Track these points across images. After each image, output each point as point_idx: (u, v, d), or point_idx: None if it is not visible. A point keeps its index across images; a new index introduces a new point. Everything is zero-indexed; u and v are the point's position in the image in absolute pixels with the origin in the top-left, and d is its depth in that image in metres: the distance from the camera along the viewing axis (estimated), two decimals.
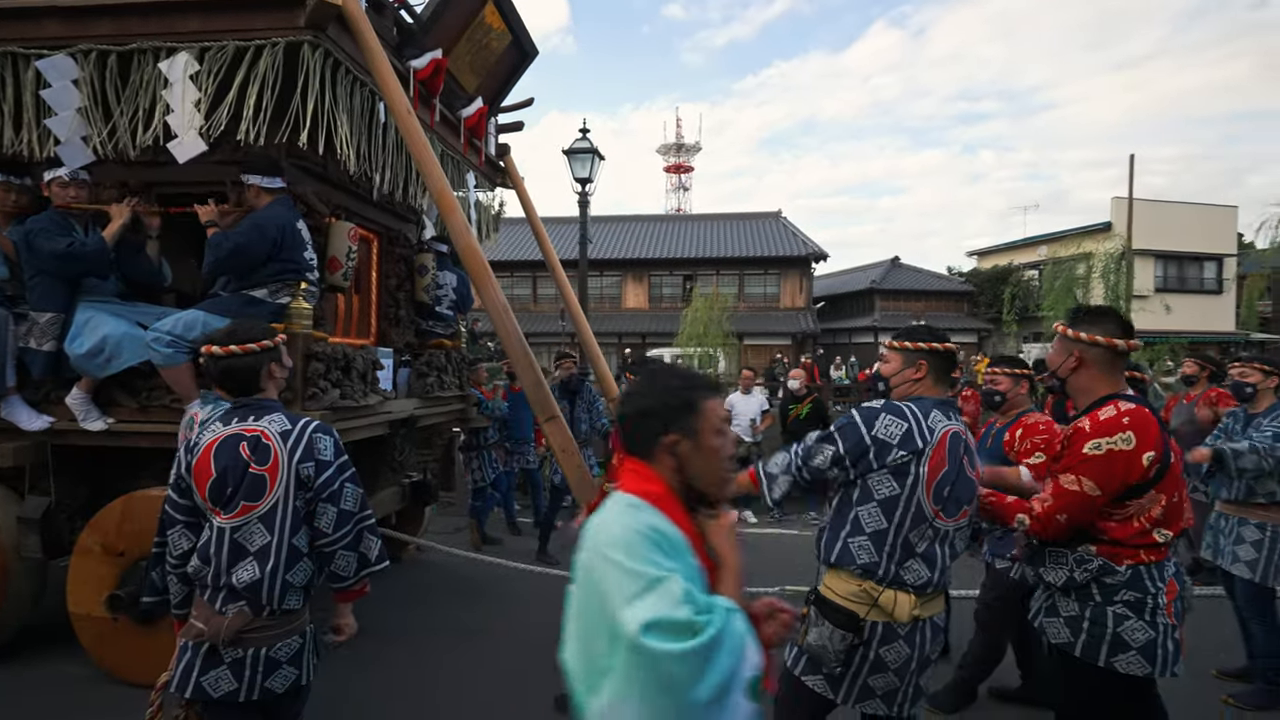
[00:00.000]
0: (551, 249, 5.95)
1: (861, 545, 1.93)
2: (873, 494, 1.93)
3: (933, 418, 1.96)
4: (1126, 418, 1.99)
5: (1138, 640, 1.99)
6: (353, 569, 1.98)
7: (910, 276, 28.28)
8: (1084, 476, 1.98)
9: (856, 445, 1.93)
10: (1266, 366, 3.54)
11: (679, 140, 58.43)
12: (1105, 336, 2.07)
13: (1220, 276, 25.41)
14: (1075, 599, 2.07)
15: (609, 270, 26.57)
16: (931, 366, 2.07)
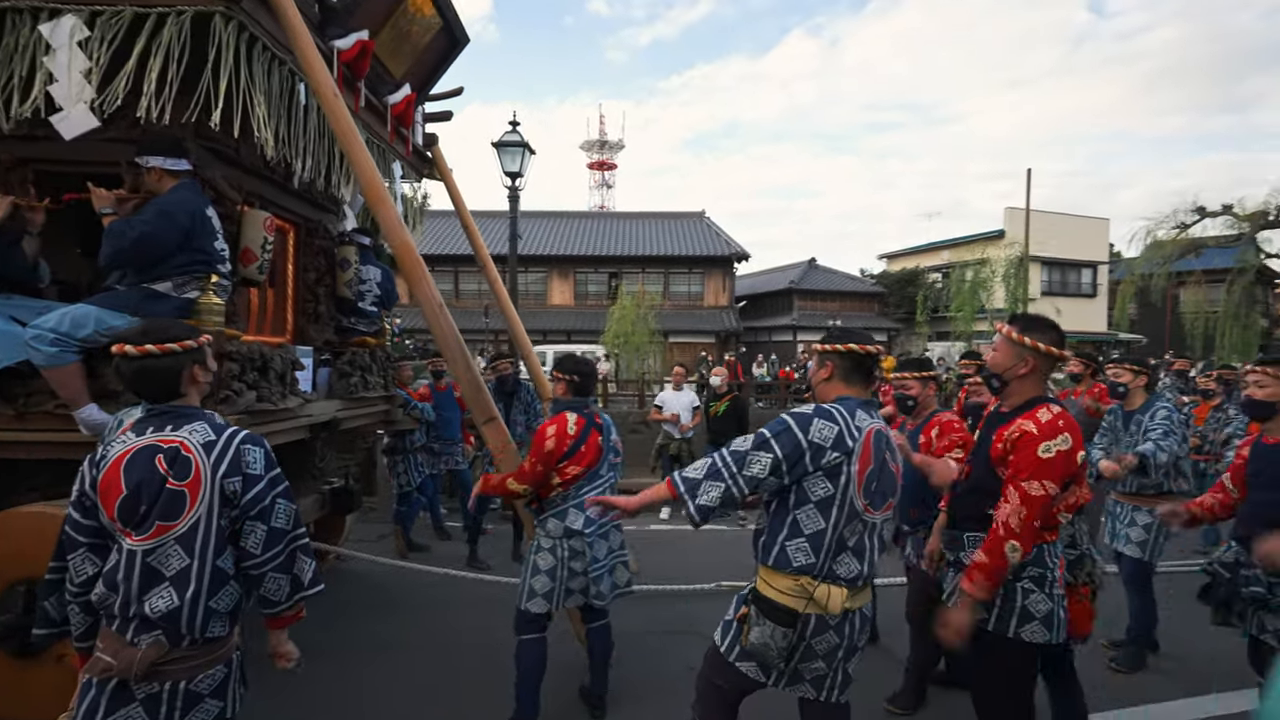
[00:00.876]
0: (482, 243, 5.77)
1: (799, 547, 1.97)
2: (809, 496, 1.97)
3: (858, 417, 2.01)
4: (1061, 420, 2.15)
5: (1040, 611, 2.18)
6: (285, 593, 1.81)
7: (826, 278, 29.45)
8: (1046, 480, 2.10)
9: (794, 450, 1.94)
10: (1135, 367, 3.96)
11: (602, 137, 58.33)
12: (1056, 347, 2.24)
13: (1095, 282, 27.99)
14: None
15: (534, 266, 26.20)
16: (838, 366, 2.12)
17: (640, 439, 16.23)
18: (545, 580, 3.06)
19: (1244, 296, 19.46)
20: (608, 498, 2.27)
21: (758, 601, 2.01)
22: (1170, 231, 20.15)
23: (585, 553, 3.06)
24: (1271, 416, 2.67)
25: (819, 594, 1.95)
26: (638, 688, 3.52)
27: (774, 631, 1.94)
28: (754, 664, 2.04)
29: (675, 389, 7.49)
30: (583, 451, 3.07)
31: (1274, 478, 2.60)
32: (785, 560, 1.98)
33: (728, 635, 2.13)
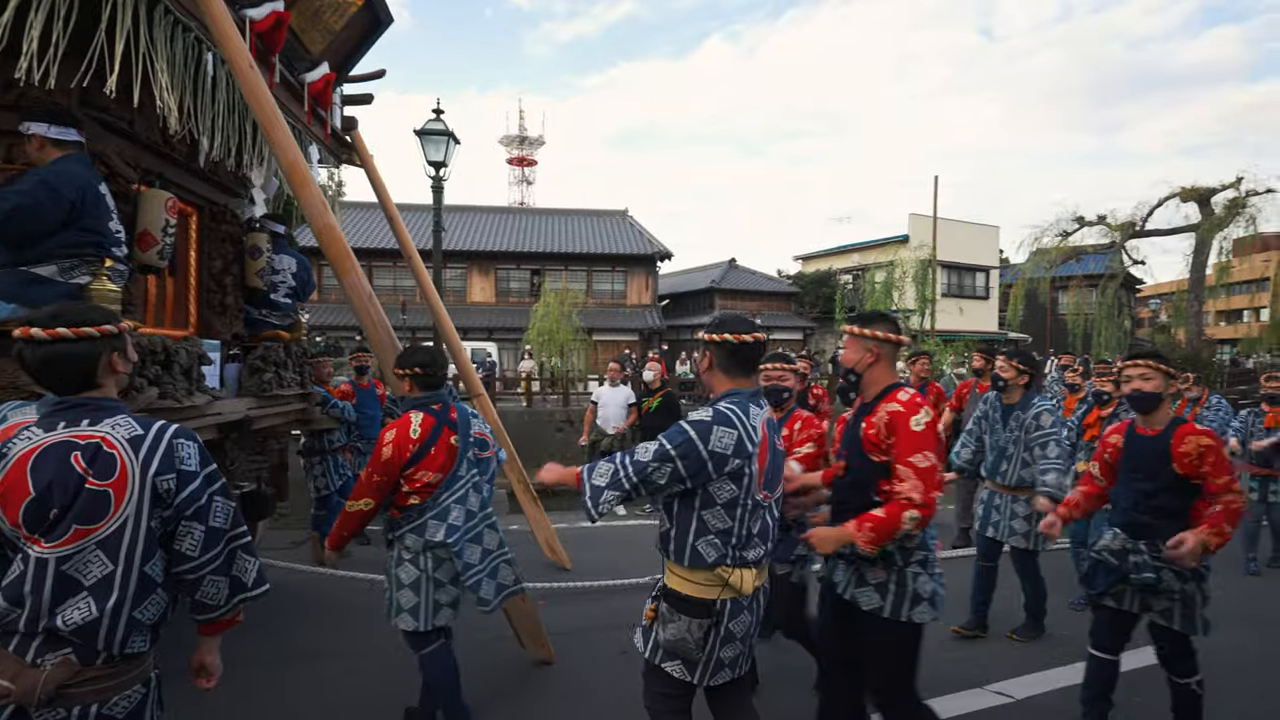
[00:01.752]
0: (408, 235, 5.53)
1: (710, 543, 1.99)
2: (715, 499, 1.98)
3: (752, 414, 2.02)
4: (918, 399, 2.31)
5: (927, 591, 2.31)
6: (223, 596, 1.66)
7: (745, 278, 30.22)
8: (927, 450, 2.22)
9: (695, 461, 1.93)
10: (1020, 365, 4.13)
11: (522, 133, 57.37)
12: (894, 334, 2.40)
13: (987, 285, 30.19)
14: (883, 566, 2.31)
15: (453, 262, 25.40)
16: (716, 357, 2.11)
17: (565, 438, 16.12)
18: (410, 595, 2.80)
19: (1115, 299, 21.55)
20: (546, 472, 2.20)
21: (668, 598, 2.02)
22: (1053, 239, 22.05)
23: (452, 561, 2.81)
24: (1156, 408, 2.82)
25: (733, 579, 1.99)
26: (581, 681, 3.48)
27: (689, 625, 1.97)
28: (678, 663, 2.04)
29: (611, 385, 7.45)
30: (433, 454, 2.76)
31: (1151, 469, 2.78)
32: (699, 558, 2.00)
33: (647, 639, 2.12)
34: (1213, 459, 2.66)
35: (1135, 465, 2.86)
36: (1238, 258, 22.20)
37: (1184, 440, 2.71)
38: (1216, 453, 2.67)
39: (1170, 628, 2.75)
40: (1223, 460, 2.68)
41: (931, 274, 22.24)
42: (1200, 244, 19.78)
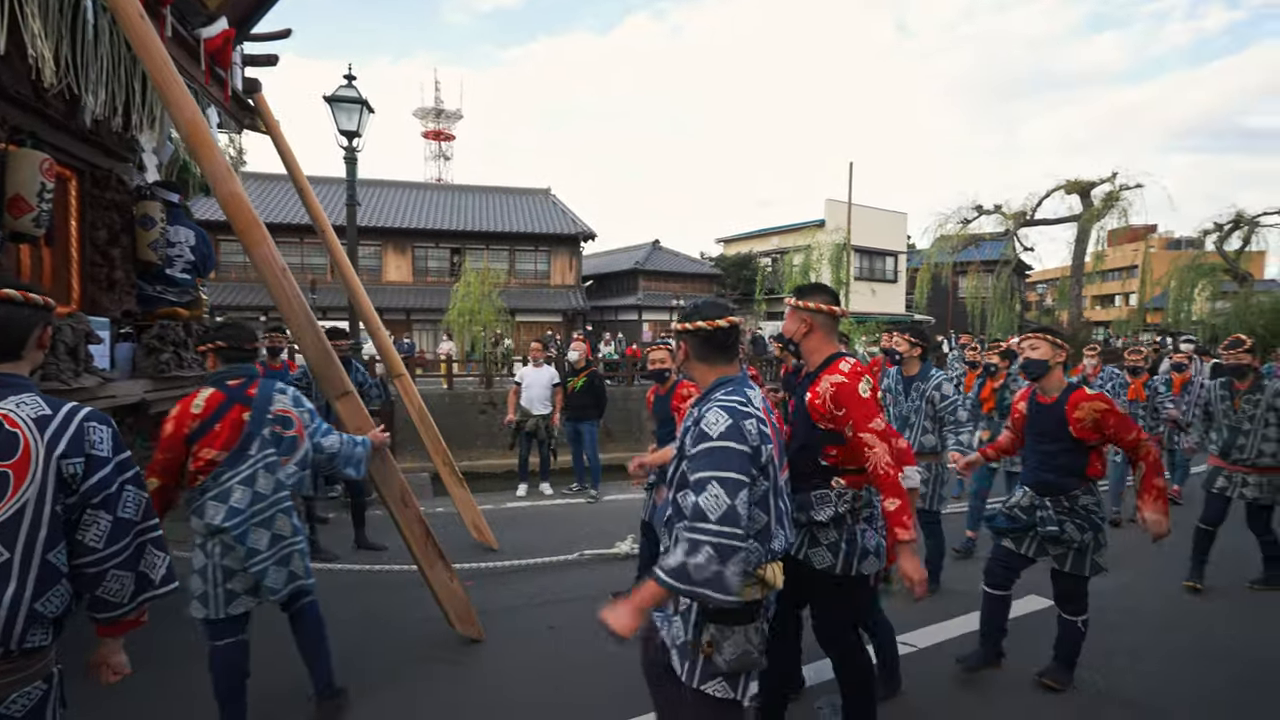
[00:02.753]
0: (320, 207, 5.24)
1: (750, 550, 1.81)
2: (750, 499, 1.79)
3: (753, 397, 1.92)
4: (858, 366, 2.43)
5: (873, 545, 2.45)
6: (128, 593, 1.54)
7: (669, 259, 30.47)
8: (878, 416, 2.35)
9: (749, 466, 1.77)
10: (911, 339, 4.49)
11: (439, 105, 55.11)
12: (828, 305, 2.52)
13: (896, 269, 31.83)
14: (834, 527, 2.44)
15: (367, 239, 24.23)
16: (691, 346, 2.01)
17: (489, 419, 15.85)
18: (198, 581, 2.62)
19: (1008, 284, 23.23)
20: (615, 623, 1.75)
21: (715, 619, 1.83)
22: (955, 226, 23.46)
23: (237, 548, 2.61)
24: (1045, 374, 3.18)
25: (768, 576, 1.88)
26: (511, 656, 3.48)
27: (746, 633, 1.84)
28: (721, 683, 1.85)
29: (535, 366, 7.37)
30: (216, 431, 2.58)
31: (1052, 433, 3.14)
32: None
33: (685, 660, 1.89)
34: (1113, 420, 2.98)
35: (1039, 430, 3.21)
36: (1112, 247, 24.41)
37: (1077, 406, 3.03)
38: (1114, 414, 3.00)
39: (1065, 570, 3.12)
40: (1122, 418, 3.01)
41: (846, 258, 23.25)
42: (1081, 233, 21.58)
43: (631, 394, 17.59)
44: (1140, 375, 6.57)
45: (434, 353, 22.09)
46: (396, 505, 3.43)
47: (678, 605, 1.94)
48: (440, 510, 6.26)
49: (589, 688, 3.17)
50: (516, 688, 3.20)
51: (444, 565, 3.62)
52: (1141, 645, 3.73)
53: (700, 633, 1.85)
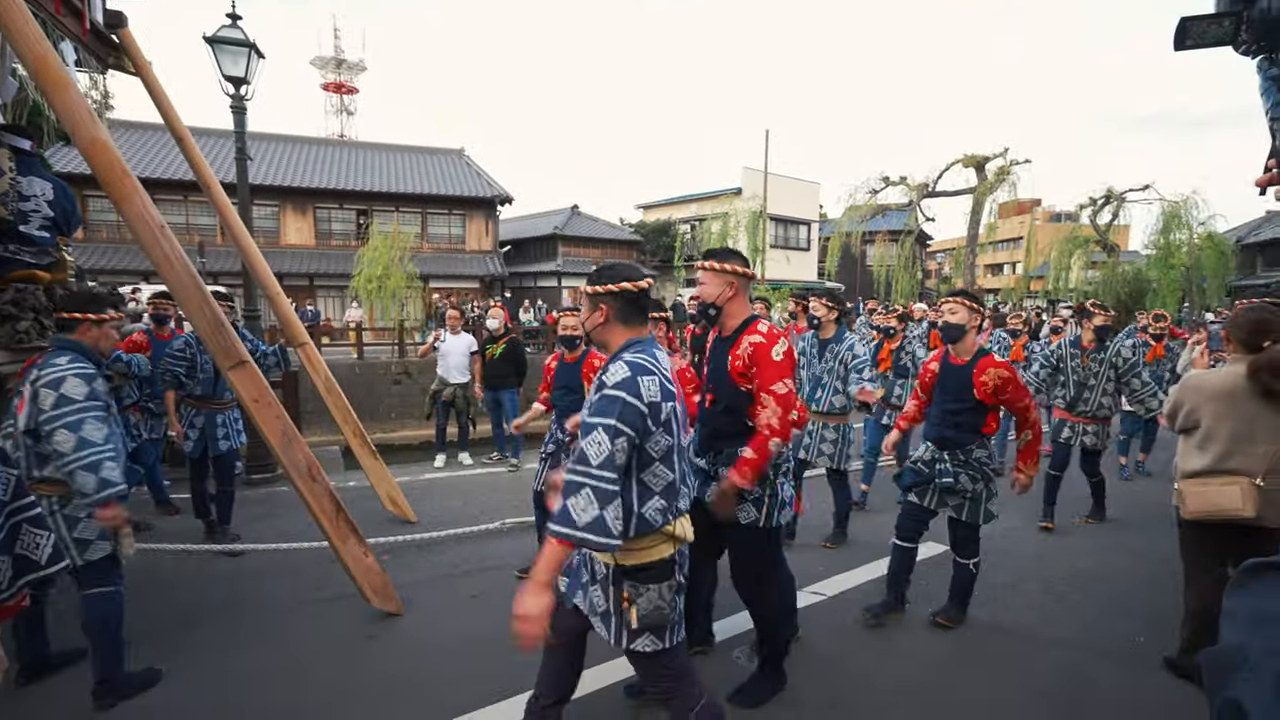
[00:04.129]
0: (203, 160, 4.77)
1: (655, 507, 1.90)
2: (653, 454, 1.88)
3: (661, 358, 1.96)
4: (775, 330, 2.52)
5: (788, 496, 2.61)
6: (5, 578, 1.38)
7: (588, 225, 30.07)
8: (787, 379, 2.44)
9: (638, 419, 1.82)
10: (829, 303, 4.70)
11: (339, 55, 51.33)
12: (746, 269, 2.59)
13: (809, 238, 32.87)
14: (759, 483, 2.54)
15: (263, 198, 22.45)
16: (614, 308, 2.00)
17: (403, 389, 15.30)
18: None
19: (911, 253, 24.51)
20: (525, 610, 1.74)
21: (631, 576, 1.91)
22: (864, 196, 24.40)
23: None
24: (962, 338, 3.38)
25: (678, 530, 1.95)
26: (433, 627, 3.42)
27: (660, 590, 1.90)
28: (650, 638, 1.95)
29: (453, 333, 7.11)
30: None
31: (957, 391, 3.36)
32: (647, 525, 1.90)
33: (610, 626, 1.97)
34: (1011, 388, 3.25)
35: (945, 388, 3.44)
36: (1002, 218, 26.16)
37: (984, 371, 3.27)
38: (1014, 382, 3.27)
39: (961, 519, 3.39)
40: (1020, 387, 3.27)
41: (762, 225, 23.76)
42: (976, 205, 22.95)
43: None
44: (1020, 338, 7.17)
45: (341, 320, 20.97)
46: (303, 480, 3.25)
47: (594, 573, 1.99)
48: (353, 484, 6.01)
49: (516, 653, 3.16)
50: (441, 658, 3.15)
51: (357, 540, 3.48)
52: (1020, 580, 4.13)
53: (619, 592, 1.91)
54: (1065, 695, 2.89)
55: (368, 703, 2.80)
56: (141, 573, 4.17)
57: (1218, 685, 0.68)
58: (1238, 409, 2.73)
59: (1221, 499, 2.70)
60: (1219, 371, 2.86)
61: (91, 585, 2.67)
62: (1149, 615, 3.61)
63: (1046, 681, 3.00)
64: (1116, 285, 22.93)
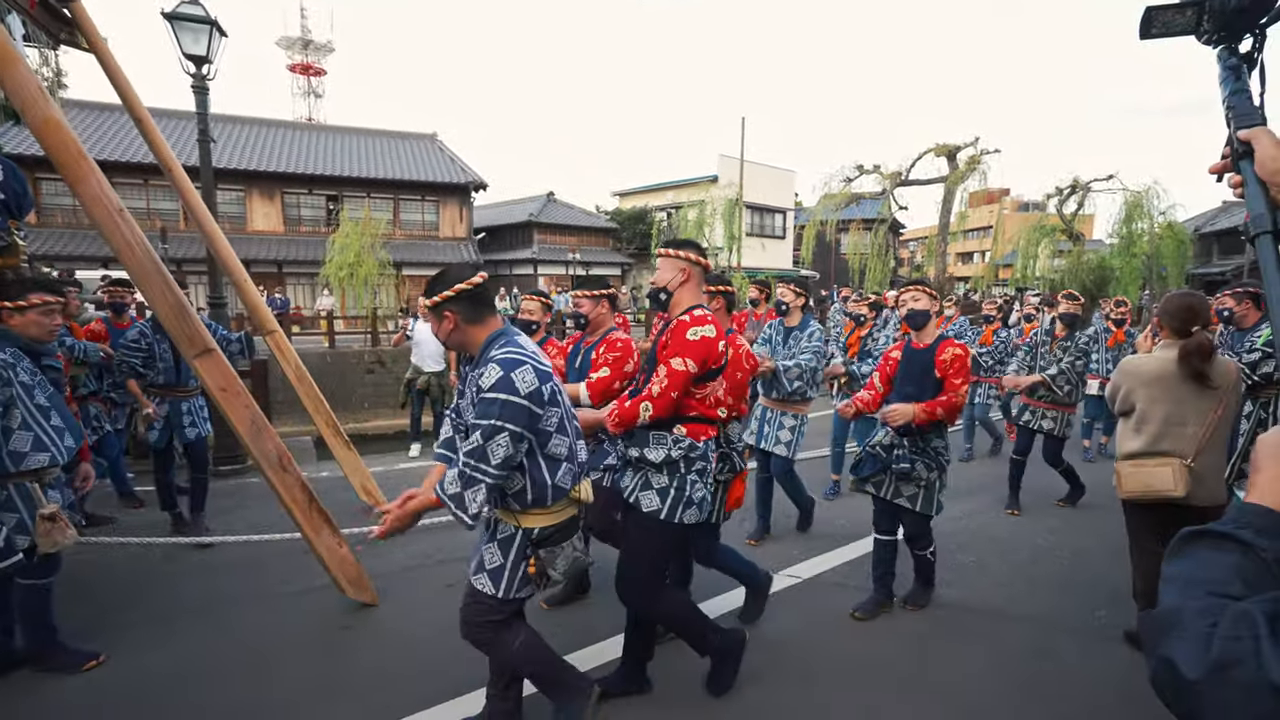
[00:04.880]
0: (163, 141, 4.61)
1: (565, 473, 2.11)
2: (549, 430, 2.06)
3: (524, 342, 2.07)
4: (709, 317, 2.52)
5: (698, 498, 2.54)
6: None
7: (564, 212, 29.84)
8: (688, 357, 2.42)
9: (519, 414, 1.95)
10: (796, 289, 4.67)
11: (306, 36, 49.98)
12: (701, 259, 2.61)
13: (784, 225, 33.03)
14: (666, 473, 2.49)
15: (228, 183, 21.83)
16: (462, 312, 2.06)
17: (377, 379, 15.09)
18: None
19: (884, 241, 24.79)
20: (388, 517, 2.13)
21: (542, 544, 2.11)
22: (839, 185, 24.58)
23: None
24: (925, 324, 3.44)
25: (581, 494, 2.15)
26: (410, 617, 3.40)
27: (571, 544, 2.11)
28: (529, 585, 2.18)
29: (425, 321, 7.02)
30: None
31: (918, 374, 3.40)
32: (561, 491, 2.11)
33: (501, 581, 2.15)
34: (958, 365, 3.31)
35: (907, 373, 3.47)
36: (972, 207, 26.57)
37: (944, 350, 3.35)
38: (962, 360, 3.33)
39: (914, 510, 3.40)
40: (965, 367, 3.32)
41: (738, 213, 23.80)
42: (947, 194, 23.28)
43: None
44: (993, 323, 7.31)
45: (312, 309, 20.56)
46: (274, 471, 3.19)
47: (496, 535, 2.19)
48: (326, 475, 5.93)
49: None
50: (417, 648, 3.13)
51: (331, 531, 3.43)
52: (987, 559, 4.24)
53: (523, 557, 2.13)
54: (1029, 668, 2.99)
55: (344, 694, 2.77)
56: (105, 567, 4.08)
57: (1154, 645, 0.71)
58: (1170, 392, 2.82)
59: (1154, 479, 2.80)
60: (1153, 356, 2.95)
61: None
62: (1110, 592, 3.73)
63: (1012, 655, 3.09)
64: (1081, 274, 23.48)
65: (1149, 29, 1.18)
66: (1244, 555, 0.74)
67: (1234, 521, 0.78)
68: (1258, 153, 1.00)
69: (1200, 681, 0.65)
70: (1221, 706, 0.63)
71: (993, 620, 3.45)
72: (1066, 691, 2.82)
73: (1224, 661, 0.64)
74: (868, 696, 2.76)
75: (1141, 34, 1.19)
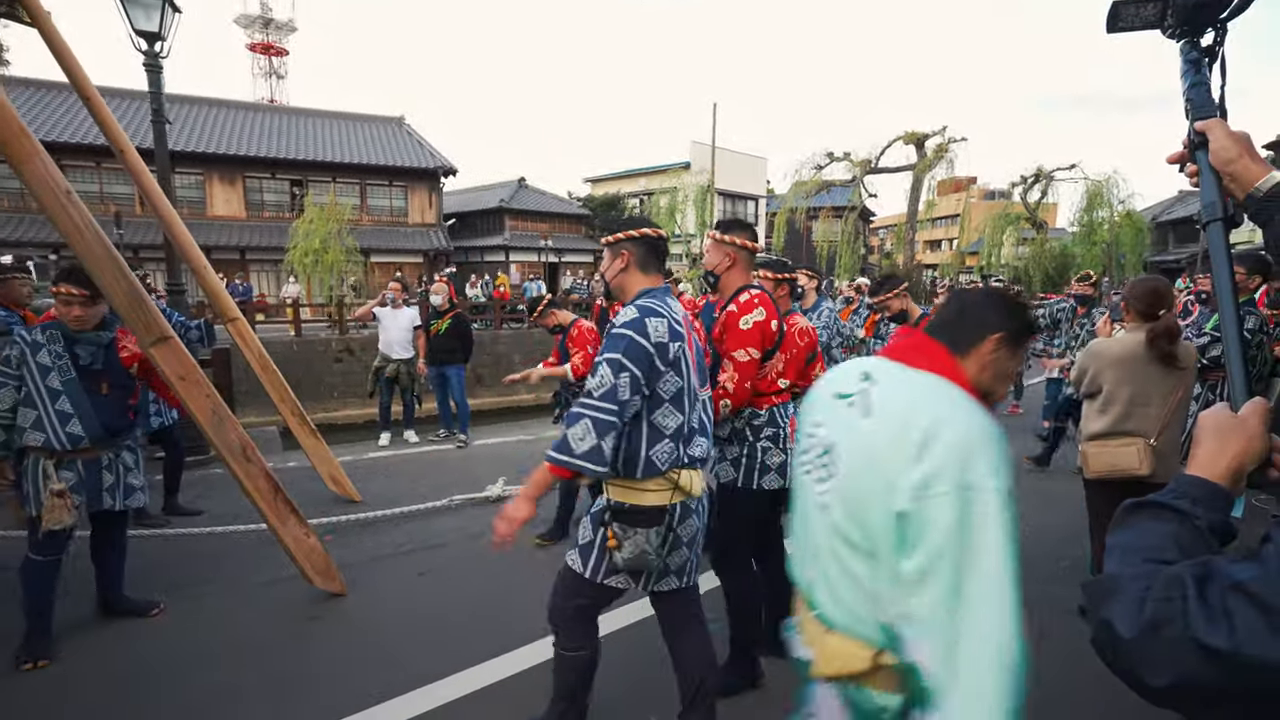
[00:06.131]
0: (114, 120, 4.44)
1: (663, 449, 1.94)
2: (663, 396, 1.93)
3: (672, 304, 2.03)
4: (757, 299, 2.55)
5: (775, 463, 2.60)
6: None
7: (536, 198, 29.53)
8: (749, 347, 2.48)
9: (644, 359, 1.87)
10: (810, 272, 4.81)
11: (266, 14, 48.47)
12: (750, 242, 2.62)
13: (756, 213, 33.19)
14: (735, 443, 2.58)
15: (185, 166, 21.14)
16: (635, 255, 2.07)
17: (345, 367, 14.84)
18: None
19: (854, 228, 25.08)
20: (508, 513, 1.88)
21: (621, 516, 1.95)
22: (810, 172, 24.75)
23: None
24: (906, 322, 3.61)
25: (683, 481, 1.97)
26: (378, 606, 3.37)
27: (648, 536, 1.93)
28: (623, 576, 2.02)
29: (394, 307, 6.89)
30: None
31: None
32: (653, 468, 1.93)
33: (589, 559, 2.04)
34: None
35: None
36: (940, 196, 27.02)
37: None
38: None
39: None
40: None
41: (710, 200, 23.83)
42: (916, 182, 23.64)
43: (500, 337, 17.18)
44: None
45: (277, 296, 20.09)
46: (237, 460, 3.13)
47: (592, 508, 2.08)
48: (293, 465, 5.83)
49: (463, 629, 3.16)
50: (387, 637, 3.11)
51: (297, 520, 3.38)
52: None
53: (605, 529, 1.97)
54: None
55: (313, 684, 2.74)
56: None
57: (1096, 609, 0.76)
58: (1136, 374, 2.91)
59: (1119, 459, 2.90)
60: (1120, 339, 3.04)
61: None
62: (1067, 567, 3.86)
63: None
64: (1044, 261, 24.09)
65: (1115, 23, 1.21)
66: (1180, 524, 0.79)
67: (1172, 492, 0.83)
68: (1211, 143, 1.03)
69: (1134, 640, 0.69)
70: (1153, 662, 0.67)
71: None
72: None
73: (1156, 621, 0.68)
74: None
75: (1108, 28, 1.22)
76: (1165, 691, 0.67)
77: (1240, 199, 1.01)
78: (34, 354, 2.82)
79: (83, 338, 2.90)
